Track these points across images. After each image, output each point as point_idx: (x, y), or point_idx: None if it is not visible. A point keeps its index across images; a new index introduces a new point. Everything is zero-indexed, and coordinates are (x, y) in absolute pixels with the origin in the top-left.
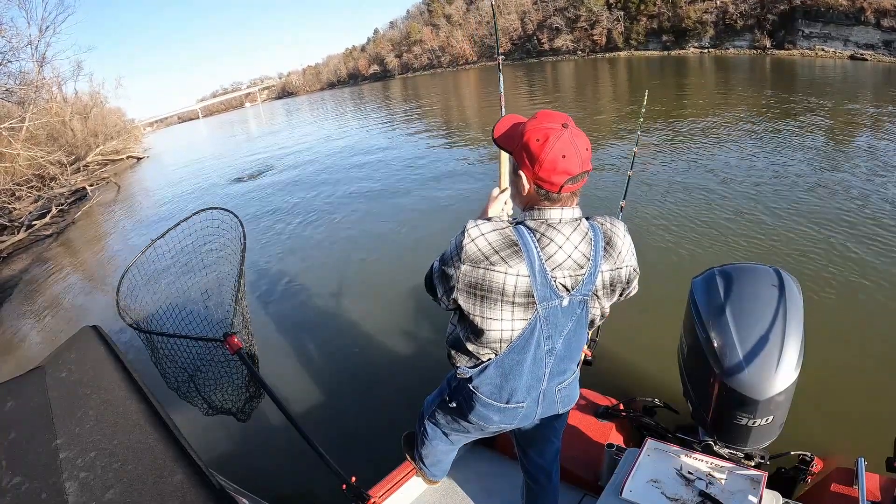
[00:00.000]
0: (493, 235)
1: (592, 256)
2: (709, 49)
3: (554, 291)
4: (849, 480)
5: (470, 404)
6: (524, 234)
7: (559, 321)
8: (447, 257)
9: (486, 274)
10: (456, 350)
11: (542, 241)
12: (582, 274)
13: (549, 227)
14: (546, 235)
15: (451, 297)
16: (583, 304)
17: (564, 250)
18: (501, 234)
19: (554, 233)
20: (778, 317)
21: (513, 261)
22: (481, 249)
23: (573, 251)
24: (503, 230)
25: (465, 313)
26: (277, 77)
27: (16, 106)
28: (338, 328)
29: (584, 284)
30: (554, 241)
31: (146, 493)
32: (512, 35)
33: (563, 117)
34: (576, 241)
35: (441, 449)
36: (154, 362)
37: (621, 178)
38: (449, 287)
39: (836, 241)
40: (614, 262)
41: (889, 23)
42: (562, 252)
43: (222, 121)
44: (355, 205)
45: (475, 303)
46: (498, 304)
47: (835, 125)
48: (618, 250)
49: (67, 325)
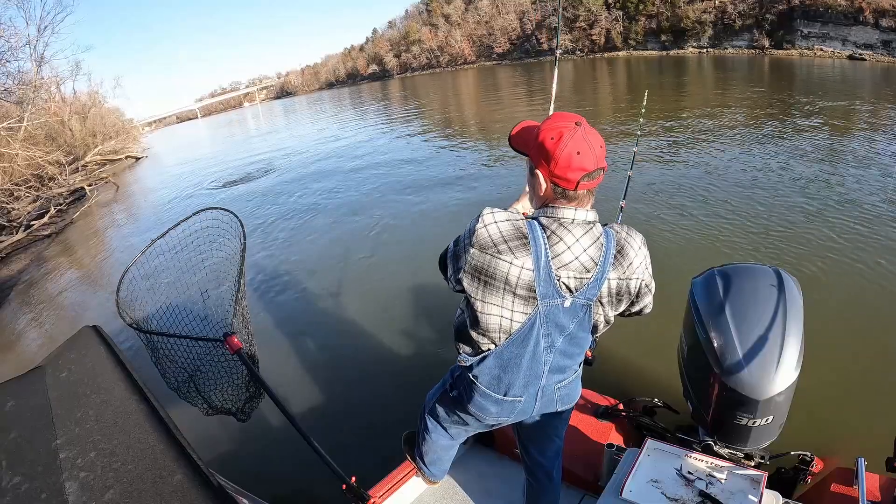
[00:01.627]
0: (505, 225)
1: (601, 262)
2: (707, 49)
3: (557, 290)
4: (849, 480)
5: (469, 394)
6: (535, 228)
7: (560, 321)
8: (461, 239)
9: (491, 260)
10: (460, 335)
11: (552, 239)
12: (587, 277)
13: (561, 226)
14: (556, 233)
15: (457, 277)
16: (586, 308)
17: (572, 251)
18: (514, 224)
19: (564, 232)
20: (778, 317)
21: (519, 252)
22: (491, 236)
23: (581, 253)
24: (516, 221)
25: (468, 296)
26: (276, 77)
27: (14, 106)
28: (338, 328)
29: (588, 288)
30: (563, 241)
31: (146, 493)
32: (510, 35)
33: (576, 117)
34: (585, 244)
35: (440, 444)
36: (154, 362)
37: (621, 179)
38: (457, 268)
39: (836, 241)
40: (623, 272)
41: (888, 23)
42: (569, 252)
43: (221, 121)
44: (355, 205)
45: (478, 287)
46: (499, 293)
47: (834, 125)
48: (629, 260)
49: (67, 326)
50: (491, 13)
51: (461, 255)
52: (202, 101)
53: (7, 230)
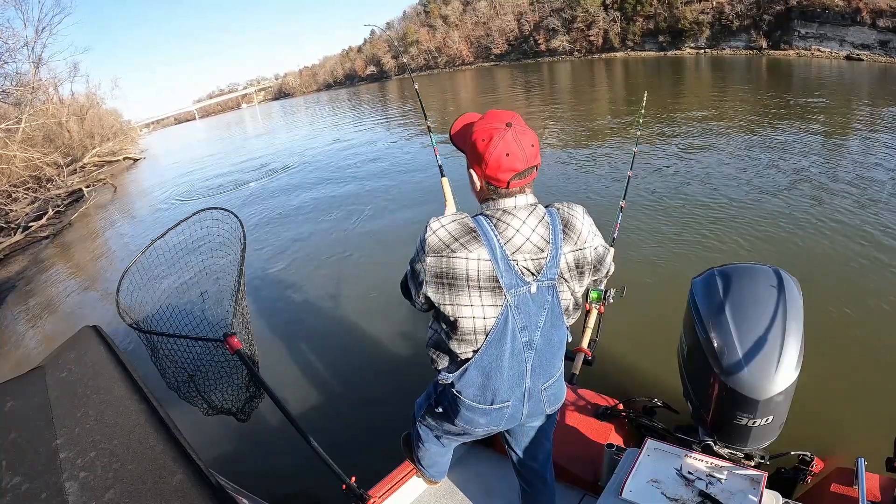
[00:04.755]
0: (451, 225)
1: (552, 239)
2: (705, 49)
3: (520, 277)
4: (849, 480)
5: (455, 409)
6: (482, 221)
7: (531, 310)
8: (414, 255)
9: (448, 261)
10: (437, 352)
11: (500, 227)
12: (543, 257)
13: (505, 213)
14: (502, 220)
15: (420, 291)
16: (552, 289)
17: (522, 233)
18: (460, 223)
19: (510, 217)
20: (778, 317)
21: (472, 245)
22: (441, 239)
23: (531, 234)
24: (462, 219)
25: (438, 306)
26: (274, 78)
27: (12, 107)
28: (338, 328)
29: (548, 268)
30: (510, 226)
31: (146, 493)
32: (508, 36)
33: (510, 116)
34: (532, 224)
35: (434, 451)
36: (154, 362)
37: (621, 179)
38: (418, 283)
39: (836, 241)
40: (575, 244)
41: (885, 23)
42: (519, 235)
43: (219, 122)
44: (354, 205)
45: (444, 292)
46: (465, 291)
47: (832, 125)
48: (577, 231)
49: (66, 326)
50: (489, 14)
51: (419, 269)
52: (200, 102)
53: (5, 231)
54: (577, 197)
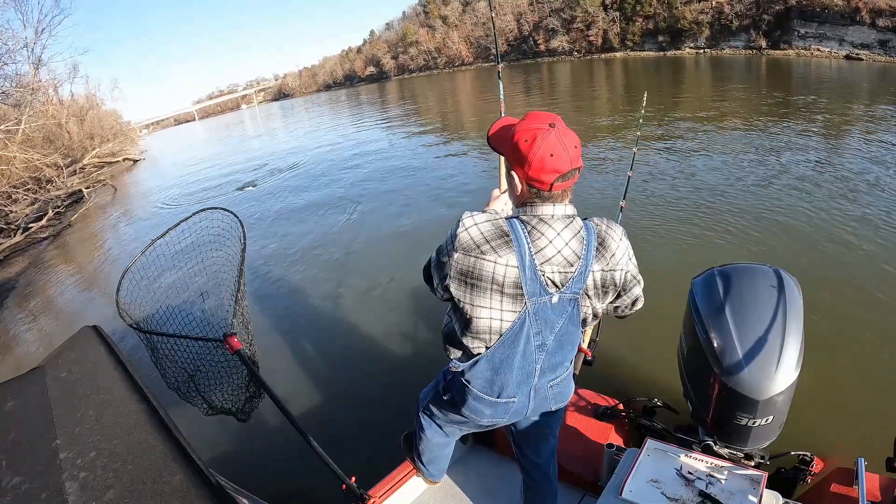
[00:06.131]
0: (485, 226)
1: (584, 255)
2: (705, 49)
3: (543, 287)
4: (849, 480)
5: (463, 397)
6: (516, 226)
7: (549, 318)
8: (443, 247)
9: (476, 262)
10: (450, 342)
11: (533, 235)
12: (571, 272)
13: (541, 222)
14: (537, 229)
15: (444, 284)
16: (573, 302)
17: (554, 245)
18: (494, 224)
19: (545, 227)
20: (778, 317)
21: (503, 251)
22: (473, 238)
23: (563, 247)
24: (496, 221)
25: (457, 302)
26: (273, 79)
27: (12, 108)
28: (338, 328)
29: (573, 282)
30: (544, 236)
31: (146, 493)
32: (508, 36)
33: (552, 117)
34: (566, 238)
35: (437, 442)
36: (154, 362)
37: (621, 179)
38: (443, 275)
39: (836, 241)
40: (606, 263)
41: (884, 22)
42: (552, 247)
43: (219, 123)
44: (354, 205)
45: (466, 290)
46: (487, 293)
47: (832, 124)
48: (611, 252)
49: (66, 326)
50: (488, 14)
51: (445, 262)
52: (200, 103)
53: (5, 233)
54: (576, 197)
